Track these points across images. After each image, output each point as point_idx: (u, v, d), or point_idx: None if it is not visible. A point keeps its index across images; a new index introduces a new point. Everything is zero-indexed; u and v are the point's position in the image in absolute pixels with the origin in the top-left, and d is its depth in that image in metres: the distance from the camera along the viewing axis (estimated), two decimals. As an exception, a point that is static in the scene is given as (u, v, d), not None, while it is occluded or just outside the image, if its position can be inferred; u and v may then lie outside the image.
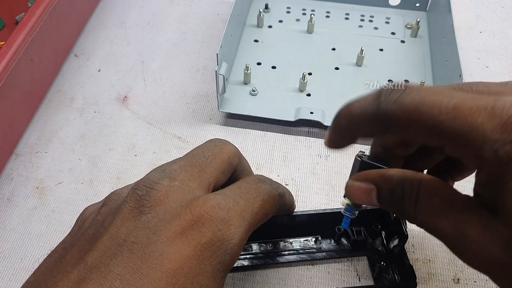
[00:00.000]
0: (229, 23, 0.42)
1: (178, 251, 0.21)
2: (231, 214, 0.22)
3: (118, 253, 0.21)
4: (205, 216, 0.21)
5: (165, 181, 0.23)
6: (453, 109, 0.19)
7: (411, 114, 0.21)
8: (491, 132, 0.19)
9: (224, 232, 0.22)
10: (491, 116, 0.19)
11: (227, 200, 0.23)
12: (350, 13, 0.52)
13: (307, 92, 0.44)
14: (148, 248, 0.20)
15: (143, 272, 0.20)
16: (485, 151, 0.19)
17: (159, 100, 0.45)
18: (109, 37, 0.51)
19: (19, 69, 0.38)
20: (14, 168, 0.40)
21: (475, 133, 0.19)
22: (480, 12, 0.54)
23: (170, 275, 0.20)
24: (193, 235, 0.21)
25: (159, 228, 0.21)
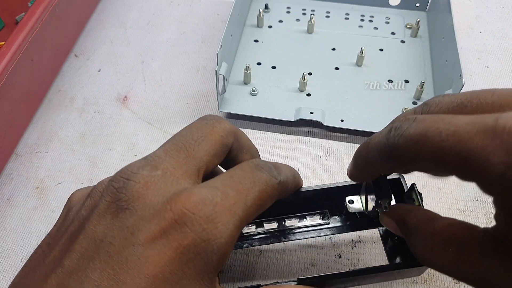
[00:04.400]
0: (229, 23, 0.42)
1: (157, 254, 0.19)
2: (218, 210, 0.20)
3: (95, 256, 0.19)
4: (187, 214, 0.19)
5: (145, 171, 0.21)
6: (453, 135, 0.19)
7: (416, 144, 0.20)
8: (494, 154, 0.17)
9: (209, 232, 0.19)
10: (492, 138, 0.18)
11: (214, 194, 0.20)
12: (350, 13, 0.52)
13: (307, 92, 0.44)
14: (126, 251, 0.19)
15: (120, 279, 0.18)
16: (492, 175, 0.18)
17: (159, 100, 0.45)
18: (109, 37, 0.51)
19: (19, 69, 0.38)
20: (14, 168, 0.40)
21: (478, 157, 0.18)
22: (480, 12, 0.54)
23: (149, 281, 0.19)
24: (174, 236, 0.19)
25: (138, 227, 0.19)
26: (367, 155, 0.24)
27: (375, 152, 0.23)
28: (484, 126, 0.18)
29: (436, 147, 0.19)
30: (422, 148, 0.20)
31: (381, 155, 0.23)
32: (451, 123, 0.19)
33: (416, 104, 0.43)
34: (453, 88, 0.38)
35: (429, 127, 0.20)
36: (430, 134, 0.19)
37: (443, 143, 0.19)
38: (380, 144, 0.22)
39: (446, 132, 0.19)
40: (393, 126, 0.22)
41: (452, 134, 0.19)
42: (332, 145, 0.41)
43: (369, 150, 0.24)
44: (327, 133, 0.42)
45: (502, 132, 0.17)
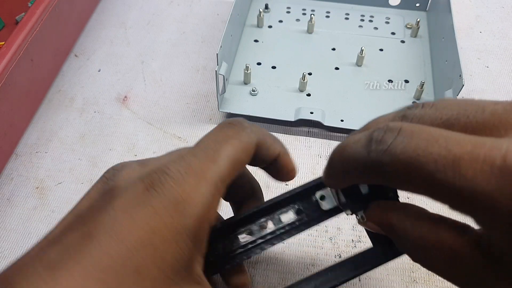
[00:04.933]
0: (229, 23, 0.42)
1: (129, 214, 0.20)
2: (186, 175, 0.21)
3: (74, 222, 0.21)
4: (157, 180, 0.21)
5: (134, 164, 0.24)
6: (452, 167, 0.17)
7: (404, 168, 0.18)
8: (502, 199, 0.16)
9: (177, 193, 0.20)
10: (499, 179, 0.16)
11: (182, 164, 0.21)
12: (350, 13, 0.52)
13: (307, 92, 0.44)
14: (101, 215, 0.20)
15: (93, 235, 0.19)
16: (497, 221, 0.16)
17: (159, 100, 0.45)
18: (109, 37, 0.51)
19: (19, 69, 0.38)
20: (14, 168, 0.40)
21: (482, 200, 0.16)
22: (480, 12, 0.54)
23: (120, 237, 0.19)
24: (145, 198, 0.20)
25: (115, 197, 0.21)
26: (342, 164, 0.22)
27: (352, 163, 0.21)
28: (490, 164, 0.16)
29: (431, 179, 0.17)
30: (413, 174, 0.18)
31: (360, 168, 0.20)
32: (447, 148, 0.17)
33: (416, 104, 0.43)
34: (453, 88, 0.38)
35: (420, 149, 0.18)
36: (423, 159, 0.17)
37: (440, 175, 0.17)
38: (359, 156, 0.20)
39: (443, 161, 0.17)
40: (373, 137, 0.20)
41: (451, 166, 0.17)
42: (332, 145, 0.41)
43: (344, 160, 0.21)
44: (327, 133, 0.42)
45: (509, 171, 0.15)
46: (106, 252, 0.19)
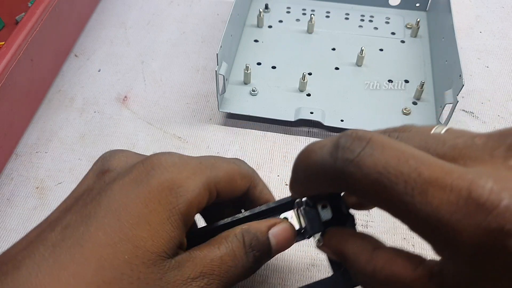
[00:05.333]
0: (229, 23, 0.42)
1: (126, 194, 0.21)
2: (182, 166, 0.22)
3: (74, 205, 0.22)
4: (155, 163, 0.22)
5: (130, 151, 0.25)
6: (420, 193, 0.16)
7: (371, 183, 0.17)
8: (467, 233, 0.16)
9: (174, 176, 0.22)
10: (465, 213, 0.16)
11: (181, 157, 0.23)
12: (350, 13, 0.52)
13: (307, 92, 0.44)
14: (99, 195, 0.21)
15: (91, 214, 0.20)
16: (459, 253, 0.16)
17: (159, 100, 0.45)
18: (109, 37, 0.51)
19: (19, 69, 0.38)
20: (14, 168, 0.40)
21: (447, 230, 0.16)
22: (480, 12, 0.54)
23: (116, 214, 0.20)
24: (142, 180, 0.21)
25: (113, 179, 0.22)
26: (306, 170, 0.21)
27: (316, 170, 0.20)
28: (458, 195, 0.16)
29: (398, 199, 0.17)
30: (379, 191, 0.17)
31: (324, 176, 0.20)
32: (418, 171, 0.17)
33: (416, 104, 0.43)
34: (453, 88, 0.38)
35: (390, 166, 0.17)
36: (392, 178, 0.17)
37: (407, 198, 0.17)
38: (324, 163, 0.19)
39: (413, 185, 0.17)
40: (340, 144, 0.19)
41: (419, 191, 0.16)
42: (332, 145, 0.41)
43: (308, 165, 0.21)
44: (327, 133, 0.42)
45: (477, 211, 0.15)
46: (104, 230, 0.20)
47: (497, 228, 0.15)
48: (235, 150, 0.41)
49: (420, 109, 0.43)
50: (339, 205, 0.25)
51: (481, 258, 0.16)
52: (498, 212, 0.15)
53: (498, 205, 0.15)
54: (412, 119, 0.42)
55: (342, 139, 0.19)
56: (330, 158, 0.19)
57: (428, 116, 0.42)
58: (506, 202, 0.15)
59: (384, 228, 0.35)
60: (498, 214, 0.15)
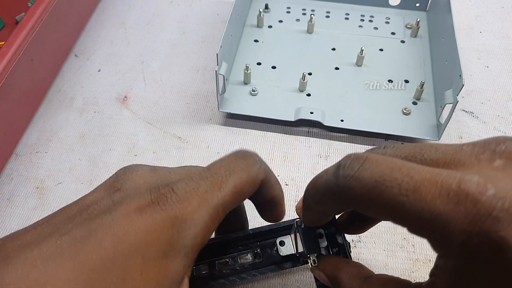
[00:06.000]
0: (229, 23, 0.42)
1: (129, 221, 0.21)
2: (191, 196, 0.22)
3: (77, 215, 0.22)
4: (162, 196, 0.22)
5: (145, 167, 0.24)
6: (413, 191, 0.18)
7: (370, 191, 0.19)
8: (456, 222, 0.17)
9: (180, 210, 0.21)
10: (455, 203, 0.17)
11: (189, 183, 0.22)
12: (350, 13, 0.52)
13: (307, 92, 0.44)
14: (104, 215, 0.21)
15: (91, 232, 0.20)
16: (451, 242, 0.18)
17: (159, 100, 0.45)
18: (109, 37, 0.51)
19: (19, 69, 0.38)
20: (14, 168, 0.40)
21: (439, 222, 0.18)
22: (480, 12, 0.54)
23: (115, 239, 0.20)
24: (148, 210, 0.21)
25: (120, 201, 0.22)
26: (315, 194, 0.23)
27: (323, 191, 0.23)
28: (447, 188, 0.18)
29: (394, 201, 0.19)
30: (378, 197, 0.19)
31: (329, 195, 0.22)
32: (409, 175, 0.19)
33: (416, 104, 0.43)
34: (453, 88, 0.38)
35: (385, 175, 0.19)
36: (388, 184, 0.19)
37: (402, 198, 0.18)
38: (329, 183, 0.22)
39: (406, 186, 0.18)
40: (341, 164, 0.21)
41: (413, 191, 0.18)
42: (332, 145, 0.41)
43: (316, 189, 0.23)
44: (327, 133, 0.42)
45: (465, 200, 0.17)
46: (99, 253, 0.20)
47: (486, 214, 0.17)
48: (235, 150, 0.41)
49: (420, 109, 0.43)
50: (334, 234, 0.28)
51: (472, 246, 0.17)
52: (486, 200, 0.17)
53: (485, 194, 0.17)
54: (412, 119, 0.42)
55: (343, 161, 0.21)
56: (333, 178, 0.21)
57: (428, 116, 0.42)
58: (492, 192, 0.17)
59: (384, 228, 0.35)
60: (485, 201, 0.17)
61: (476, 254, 0.18)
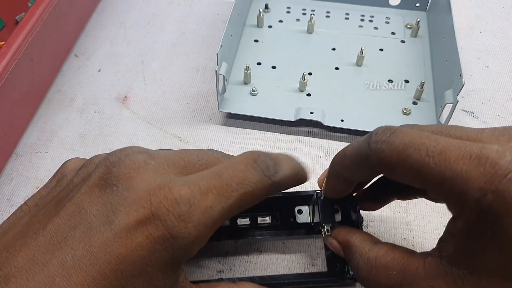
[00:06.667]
0: (229, 23, 0.42)
1: (130, 239, 0.20)
2: (193, 211, 0.21)
3: (77, 225, 0.21)
4: (163, 210, 0.21)
5: (142, 156, 0.23)
6: (439, 154, 0.20)
7: (399, 154, 0.21)
8: (475, 180, 0.19)
9: (179, 230, 0.21)
10: (476, 165, 0.20)
11: (194, 194, 0.21)
12: (350, 13, 0.52)
13: (307, 92, 0.44)
14: (104, 227, 0.20)
15: (93, 252, 0.20)
16: (467, 199, 0.20)
17: (159, 100, 0.45)
18: (109, 37, 0.51)
19: (19, 69, 0.38)
20: (14, 168, 0.40)
21: (459, 180, 0.20)
22: (480, 12, 0.54)
23: (119, 260, 0.20)
24: (147, 227, 0.20)
25: (119, 208, 0.21)
26: (343, 160, 0.25)
27: (352, 157, 0.24)
28: (470, 152, 0.20)
29: (421, 161, 0.21)
30: (406, 158, 0.21)
31: (359, 161, 0.24)
32: (437, 141, 0.21)
33: (416, 104, 0.43)
34: (453, 88, 0.38)
35: (414, 140, 0.21)
36: (416, 147, 0.21)
37: (429, 159, 0.21)
38: (359, 149, 0.23)
39: (433, 149, 0.21)
40: (373, 132, 0.23)
41: (439, 153, 0.20)
42: (332, 145, 0.41)
43: (346, 155, 0.25)
44: (327, 133, 0.42)
45: (485, 162, 0.19)
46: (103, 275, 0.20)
47: (502, 175, 0.19)
48: (235, 150, 0.41)
49: (420, 109, 0.43)
50: (349, 211, 0.30)
51: (486, 203, 0.19)
52: (503, 163, 0.19)
53: (504, 159, 0.19)
54: (412, 119, 0.42)
55: (375, 130, 0.23)
56: (364, 143, 0.23)
57: (428, 116, 0.42)
58: (509, 158, 0.19)
59: (384, 228, 0.35)
60: (503, 165, 0.19)
61: (488, 211, 0.19)
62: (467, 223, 0.20)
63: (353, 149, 0.24)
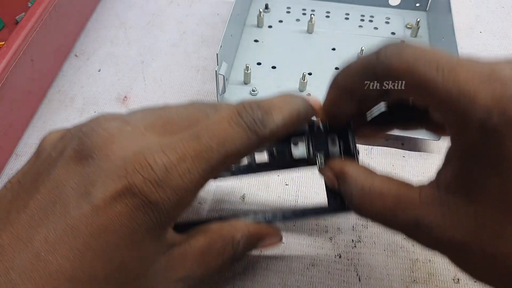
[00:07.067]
0: (229, 23, 0.42)
1: (110, 209, 0.20)
2: (170, 175, 0.20)
3: (57, 200, 0.21)
4: (139, 177, 0.20)
5: (115, 123, 0.22)
6: (449, 71, 0.20)
7: (408, 66, 0.21)
8: (482, 100, 0.18)
9: (157, 195, 0.20)
10: (485, 85, 0.19)
11: (171, 158, 0.21)
12: (350, 13, 0.52)
13: (307, 92, 0.44)
14: (84, 200, 0.20)
15: (75, 225, 0.20)
16: (472, 119, 0.19)
17: (159, 100, 0.45)
18: (109, 37, 0.51)
19: (19, 69, 0.38)
20: (14, 168, 0.40)
21: (466, 99, 0.19)
22: (480, 12, 0.54)
23: (101, 231, 0.20)
24: (125, 195, 0.20)
25: (96, 179, 0.20)
26: (348, 70, 0.24)
27: (359, 67, 0.24)
28: (481, 73, 0.19)
29: (429, 75, 0.20)
30: (415, 70, 0.20)
31: (365, 71, 0.23)
32: (447, 58, 0.20)
33: (416, 104, 0.43)
34: (453, 88, 0.38)
35: (426, 54, 0.20)
36: (427, 61, 0.20)
37: (438, 74, 0.20)
38: (368, 60, 0.23)
39: (443, 65, 0.20)
40: (383, 45, 0.22)
41: (449, 70, 0.20)
42: (332, 145, 0.41)
43: (350, 68, 0.24)
44: (327, 133, 0.42)
45: (495, 82, 0.18)
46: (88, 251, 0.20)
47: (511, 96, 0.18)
48: (235, 150, 0.41)
49: (420, 109, 0.43)
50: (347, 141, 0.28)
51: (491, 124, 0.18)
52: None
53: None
54: (412, 119, 0.42)
55: (384, 44, 0.22)
56: (373, 55, 0.22)
57: (428, 116, 0.42)
58: None
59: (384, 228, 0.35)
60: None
61: (492, 133, 0.18)
62: (468, 146, 0.20)
63: (360, 60, 0.23)
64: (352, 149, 0.28)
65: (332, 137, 0.29)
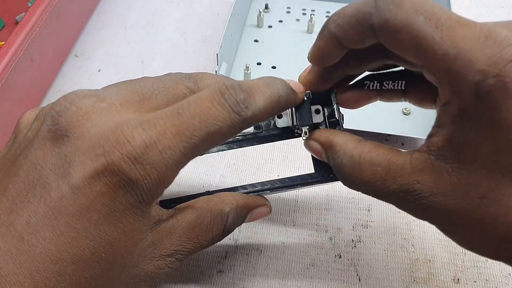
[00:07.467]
0: (229, 23, 0.42)
1: (90, 188, 0.20)
2: (150, 152, 0.20)
3: (36, 182, 0.20)
4: (117, 154, 0.20)
5: (89, 100, 0.21)
6: (448, 28, 0.19)
7: (407, 18, 0.20)
8: (478, 62, 0.18)
9: (137, 172, 0.20)
10: (482, 46, 0.18)
11: (150, 134, 0.20)
12: (350, 13, 0.52)
13: (307, 92, 0.44)
14: (63, 180, 0.20)
15: (55, 206, 0.20)
16: (466, 81, 0.18)
17: (159, 100, 0.45)
18: (109, 37, 0.51)
19: (19, 69, 0.38)
20: (14, 168, 0.40)
21: (462, 59, 0.18)
22: (480, 12, 0.54)
23: (83, 210, 0.20)
24: (104, 173, 0.20)
25: (74, 158, 0.20)
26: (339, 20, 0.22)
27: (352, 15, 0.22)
28: (479, 33, 0.19)
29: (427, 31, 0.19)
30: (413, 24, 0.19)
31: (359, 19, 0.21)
32: (449, 14, 0.20)
33: (416, 104, 0.43)
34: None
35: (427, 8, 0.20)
36: (427, 15, 0.19)
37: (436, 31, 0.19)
38: (364, 7, 0.21)
39: (443, 22, 0.19)
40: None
41: (448, 27, 0.19)
42: (332, 145, 0.41)
43: (344, 15, 0.22)
44: (327, 133, 0.42)
45: (492, 45, 0.18)
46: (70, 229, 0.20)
47: (507, 59, 0.18)
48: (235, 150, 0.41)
49: (420, 109, 0.42)
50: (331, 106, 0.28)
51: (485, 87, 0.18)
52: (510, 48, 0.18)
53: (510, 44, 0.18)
54: (412, 119, 0.42)
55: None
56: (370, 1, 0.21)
57: (428, 116, 0.42)
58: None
59: (384, 228, 0.35)
60: (510, 49, 0.18)
61: (486, 96, 0.18)
62: (461, 108, 0.19)
63: (355, 6, 0.22)
64: (337, 114, 0.28)
65: (316, 108, 0.28)
